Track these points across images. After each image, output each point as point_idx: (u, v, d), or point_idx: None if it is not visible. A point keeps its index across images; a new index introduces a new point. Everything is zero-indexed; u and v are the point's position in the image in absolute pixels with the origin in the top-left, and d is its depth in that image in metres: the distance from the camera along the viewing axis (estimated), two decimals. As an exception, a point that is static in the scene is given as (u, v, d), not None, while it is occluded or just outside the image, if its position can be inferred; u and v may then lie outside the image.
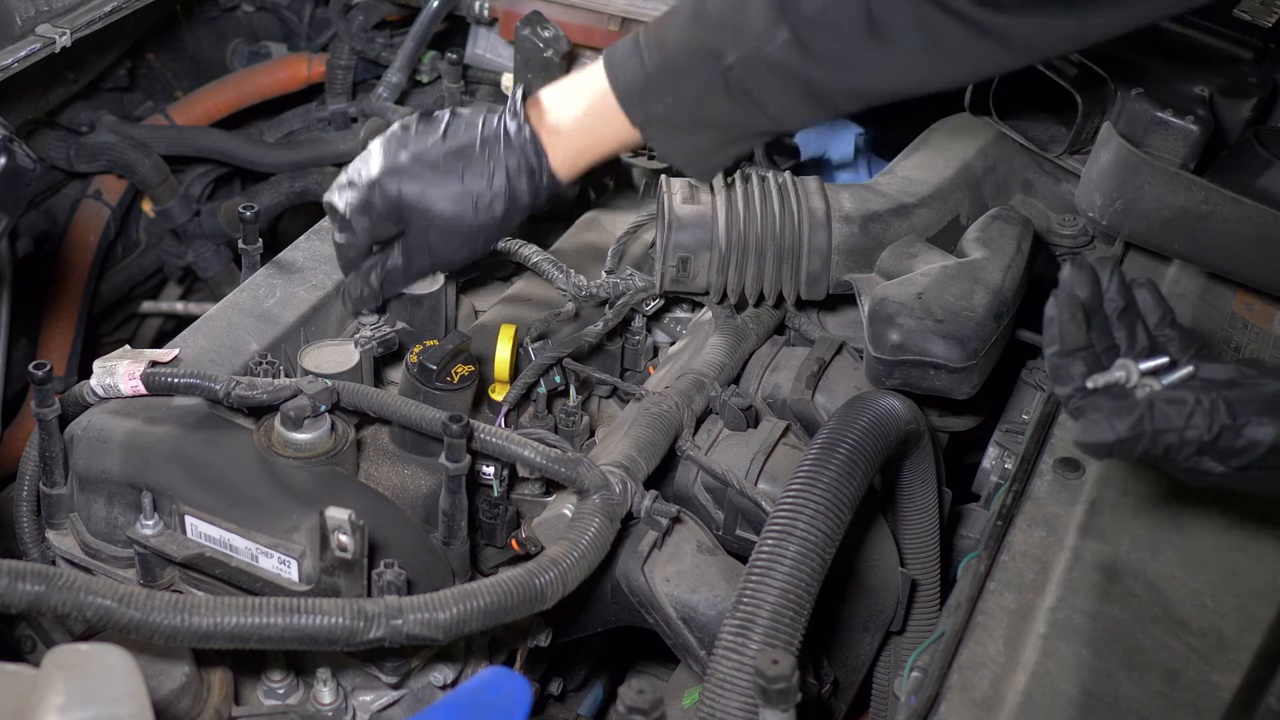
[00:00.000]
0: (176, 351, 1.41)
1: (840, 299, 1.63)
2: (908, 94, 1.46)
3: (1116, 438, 1.02)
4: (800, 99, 1.40)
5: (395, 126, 1.48)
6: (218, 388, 1.31)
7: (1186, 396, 1.03)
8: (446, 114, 1.47)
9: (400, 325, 1.50)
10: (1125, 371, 1.08)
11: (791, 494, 1.26)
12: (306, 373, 1.40)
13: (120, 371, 1.34)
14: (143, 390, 1.34)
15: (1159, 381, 1.07)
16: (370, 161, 1.46)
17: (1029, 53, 1.39)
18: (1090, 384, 1.07)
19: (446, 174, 1.43)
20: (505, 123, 1.44)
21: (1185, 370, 1.07)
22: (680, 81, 1.40)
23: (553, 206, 1.55)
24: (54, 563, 1.39)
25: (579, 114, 1.45)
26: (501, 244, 1.62)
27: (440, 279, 1.53)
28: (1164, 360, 1.09)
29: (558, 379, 1.50)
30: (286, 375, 1.39)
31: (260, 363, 1.38)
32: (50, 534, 1.38)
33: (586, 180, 1.86)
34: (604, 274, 1.63)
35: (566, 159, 1.46)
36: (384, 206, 1.44)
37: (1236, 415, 1.02)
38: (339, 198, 1.47)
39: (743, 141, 1.47)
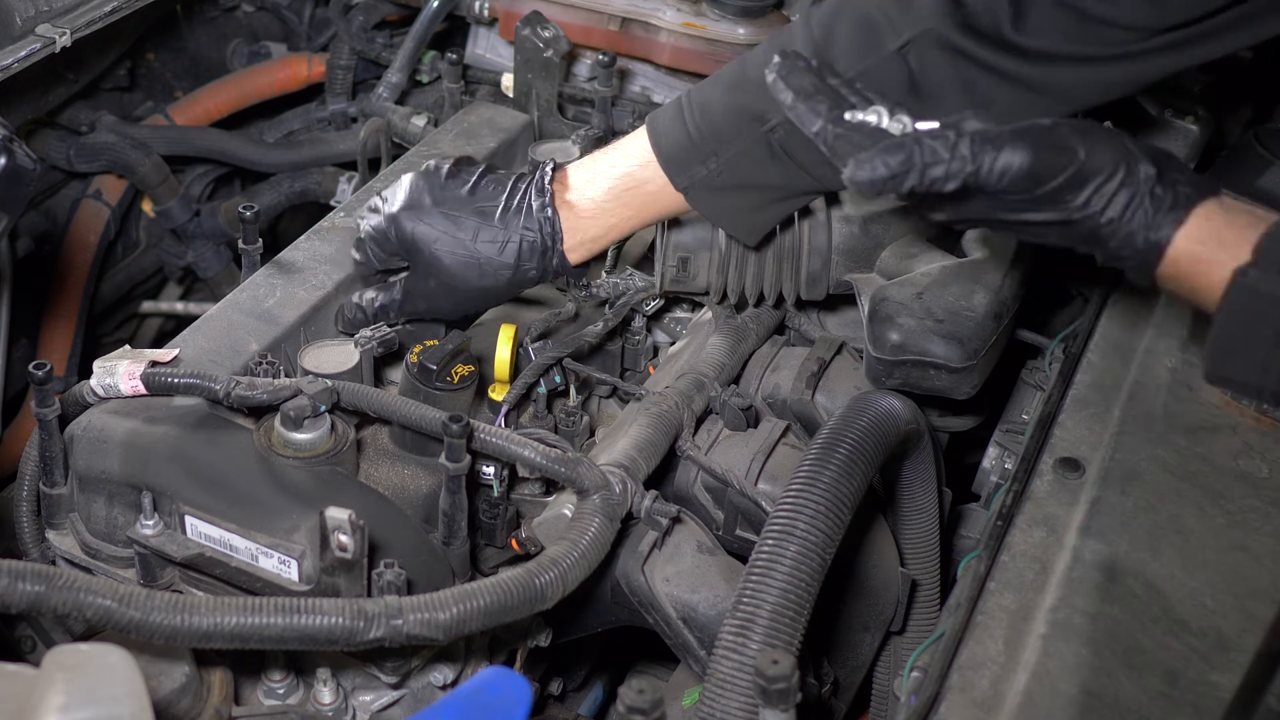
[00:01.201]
0: (176, 351, 1.41)
1: (840, 299, 1.63)
2: None
3: (889, 172, 1.08)
4: None
5: (430, 164, 1.50)
6: (217, 388, 1.32)
7: (948, 134, 1.10)
8: (479, 169, 1.49)
9: (400, 325, 1.50)
10: (877, 114, 1.15)
11: (791, 494, 1.26)
12: (307, 373, 1.40)
13: (120, 371, 1.34)
14: (142, 390, 1.34)
15: (910, 120, 1.15)
16: (397, 193, 1.48)
17: (1073, 104, 1.37)
18: (849, 116, 1.15)
19: (461, 230, 1.45)
20: (530, 196, 1.45)
21: (933, 122, 1.15)
22: (723, 145, 1.41)
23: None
24: (54, 563, 1.39)
25: (602, 198, 1.46)
26: None
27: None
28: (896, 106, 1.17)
29: (558, 379, 1.50)
30: (286, 375, 1.39)
31: (260, 363, 1.38)
32: (50, 534, 1.38)
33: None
34: (604, 274, 1.63)
35: (582, 243, 1.47)
36: (397, 241, 1.47)
37: (993, 144, 1.10)
38: (363, 220, 1.52)
39: (788, 200, 1.46)
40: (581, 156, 1.80)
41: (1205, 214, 1.13)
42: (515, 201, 1.46)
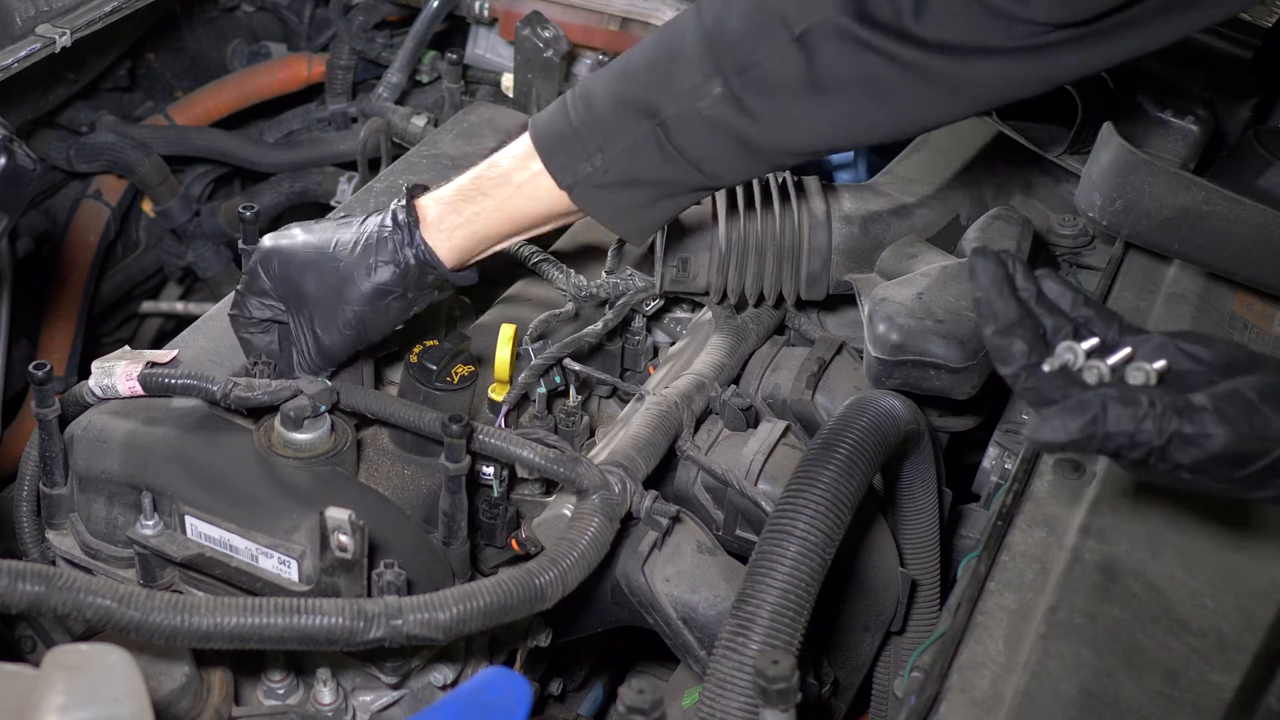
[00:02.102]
0: (175, 352, 1.41)
1: (840, 299, 1.63)
2: (850, 146, 1.41)
3: (1069, 438, 1.02)
4: (737, 155, 1.32)
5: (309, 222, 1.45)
6: (214, 389, 1.31)
7: (1140, 398, 1.02)
8: (351, 213, 1.46)
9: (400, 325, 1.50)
10: (1072, 354, 1.07)
11: (791, 494, 1.26)
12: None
13: (118, 372, 1.34)
14: (140, 391, 1.34)
15: (1104, 364, 1.07)
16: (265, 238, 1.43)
17: (977, 100, 1.32)
18: (1046, 367, 1.07)
19: (320, 251, 1.37)
20: (392, 210, 1.38)
21: (1124, 351, 1.08)
22: (609, 140, 1.32)
23: (457, 289, 1.47)
24: (54, 563, 1.39)
25: (464, 186, 1.39)
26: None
27: None
28: (1097, 341, 1.09)
29: (558, 379, 1.50)
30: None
31: (256, 363, 1.38)
32: (50, 534, 1.38)
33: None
34: (604, 274, 1.63)
35: (442, 230, 1.37)
36: (265, 278, 1.39)
37: (1186, 421, 1.01)
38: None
39: (676, 198, 1.38)
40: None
41: None
42: (374, 217, 1.40)
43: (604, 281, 1.61)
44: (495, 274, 1.71)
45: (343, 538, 1.16)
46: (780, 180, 1.58)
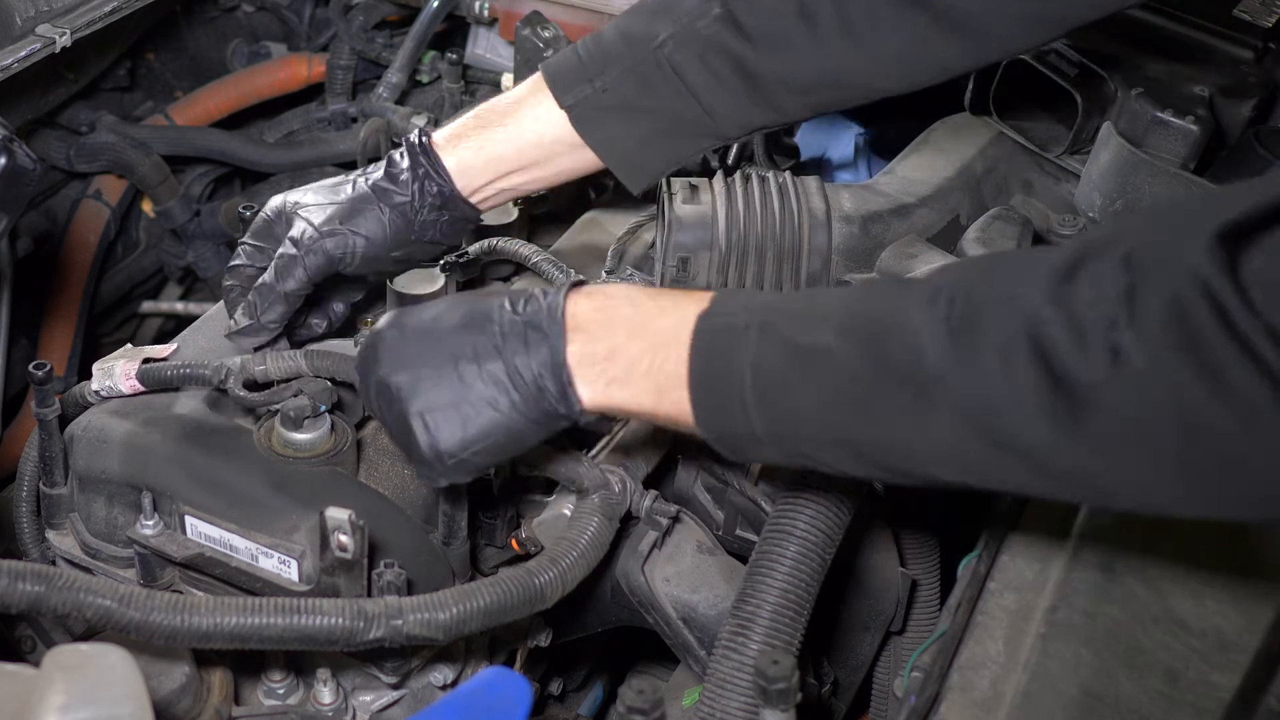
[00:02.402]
0: (174, 347, 1.42)
1: (840, 299, 1.63)
2: (853, 93, 1.38)
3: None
4: (735, 85, 1.33)
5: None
6: (209, 373, 1.31)
7: None
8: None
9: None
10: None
11: (791, 494, 1.26)
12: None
13: (117, 372, 1.34)
14: (140, 387, 1.34)
15: None
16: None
17: (986, 42, 1.30)
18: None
19: (326, 191, 1.41)
20: (405, 142, 1.40)
21: None
22: (610, 63, 1.35)
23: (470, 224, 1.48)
24: (54, 563, 1.39)
25: (475, 117, 1.42)
26: (502, 244, 1.62)
27: (440, 279, 1.53)
28: None
29: (558, 379, 1.50)
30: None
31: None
32: (50, 534, 1.38)
33: (586, 180, 1.86)
34: (604, 274, 1.63)
35: (455, 153, 1.40)
36: (262, 220, 1.42)
37: None
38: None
39: (676, 139, 1.38)
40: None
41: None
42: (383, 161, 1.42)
43: (604, 281, 1.61)
44: (495, 274, 1.71)
45: (343, 538, 1.16)
46: (780, 180, 1.58)
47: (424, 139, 1.39)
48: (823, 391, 1.01)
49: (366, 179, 1.39)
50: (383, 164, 1.40)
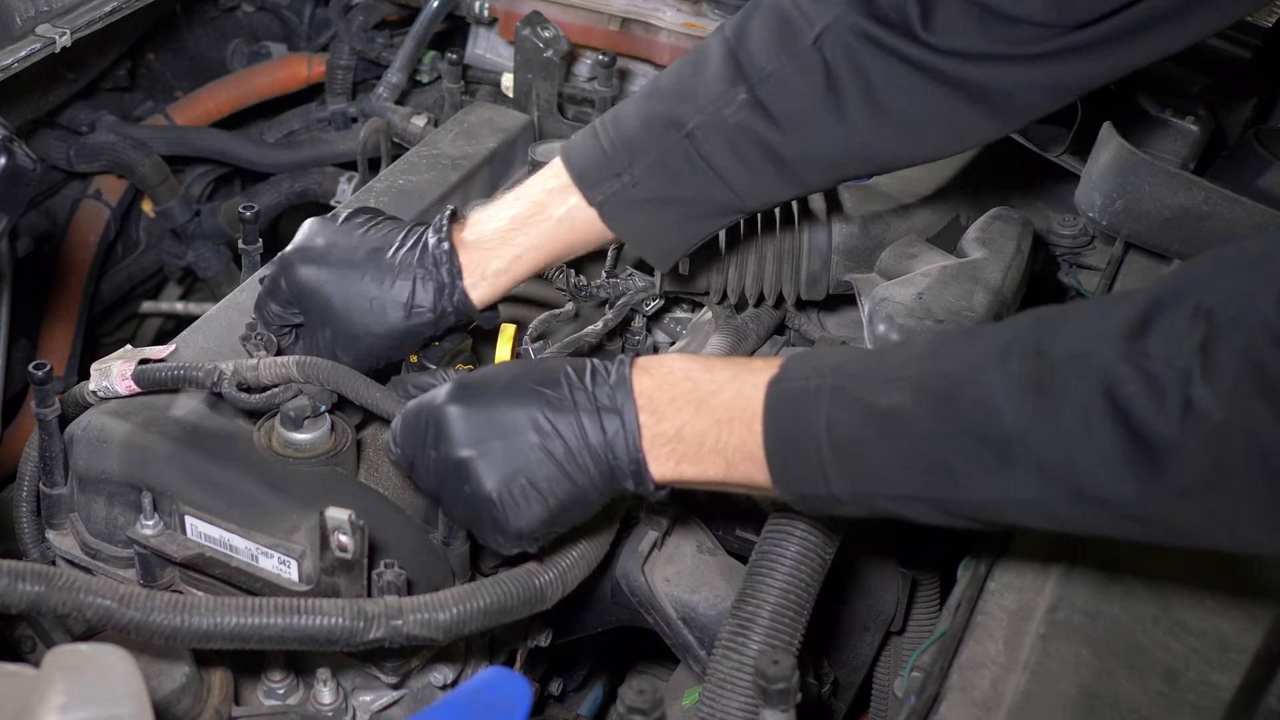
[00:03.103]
0: (173, 348, 1.42)
1: (840, 299, 1.63)
2: (880, 165, 1.39)
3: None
4: (763, 167, 1.33)
5: (326, 216, 1.42)
6: (201, 375, 1.31)
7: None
8: (378, 218, 1.41)
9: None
10: None
11: (792, 494, 1.26)
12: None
13: (114, 373, 1.34)
14: (136, 388, 1.34)
15: None
16: (295, 239, 1.40)
17: (994, 111, 1.31)
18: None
19: (352, 270, 1.34)
20: (426, 236, 1.36)
21: None
22: (637, 155, 1.33)
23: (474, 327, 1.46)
24: (54, 563, 1.39)
25: (503, 227, 1.36)
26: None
27: None
28: None
29: (558, 379, 1.50)
30: (280, 352, 1.39)
31: (250, 337, 1.38)
32: (50, 534, 1.38)
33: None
34: (604, 274, 1.63)
35: (484, 278, 1.36)
36: (288, 289, 1.37)
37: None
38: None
39: (703, 220, 1.38)
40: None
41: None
42: (411, 241, 1.36)
43: (604, 281, 1.61)
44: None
45: (343, 538, 1.16)
46: (780, 180, 1.58)
47: (455, 270, 1.35)
48: (901, 453, 1.03)
49: (405, 320, 1.35)
50: (410, 279, 1.34)
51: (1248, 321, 0.89)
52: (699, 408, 1.11)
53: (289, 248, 1.39)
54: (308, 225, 1.40)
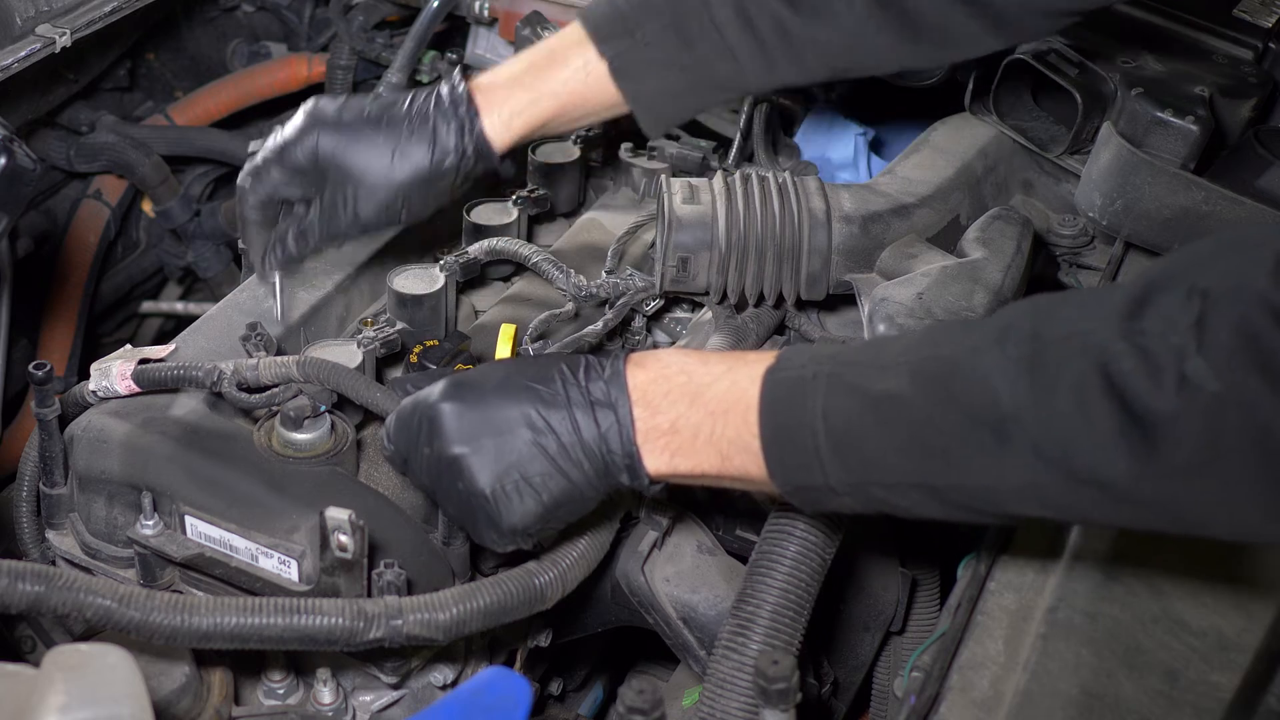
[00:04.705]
0: (173, 347, 1.42)
1: (840, 299, 1.63)
2: (881, 64, 1.46)
3: None
4: (772, 44, 1.38)
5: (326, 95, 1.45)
6: (201, 375, 1.31)
7: None
8: (381, 89, 1.46)
9: (401, 326, 1.50)
10: None
11: (791, 494, 1.26)
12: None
13: (114, 373, 1.34)
14: (136, 388, 1.34)
15: None
16: (295, 118, 1.40)
17: (1007, 27, 1.40)
18: None
19: (366, 125, 1.37)
20: (439, 86, 1.40)
21: None
22: (653, 16, 1.39)
23: (492, 179, 1.49)
24: (54, 563, 1.39)
25: (518, 71, 1.42)
26: (501, 244, 1.62)
27: (440, 279, 1.53)
28: None
29: (558, 379, 1.50)
30: (280, 352, 1.39)
31: (250, 337, 1.38)
32: (50, 534, 1.38)
33: (586, 181, 1.86)
34: (604, 274, 1.63)
35: (501, 120, 1.40)
36: (302, 157, 1.37)
37: None
38: (250, 163, 1.42)
39: (704, 92, 1.45)
40: (582, 156, 1.81)
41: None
42: (424, 94, 1.40)
43: (604, 281, 1.61)
44: (495, 274, 1.71)
45: (343, 538, 1.16)
46: (780, 180, 1.58)
47: (472, 112, 1.39)
48: (897, 437, 1.02)
49: (428, 161, 1.38)
50: (428, 122, 1.38)
51: (1243, 296, 0.89)
52: (694, 400, 1.10)
53: (293, 122, 1.39)
54: (309, 102, 1.41)
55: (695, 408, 1.10)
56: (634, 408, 1.11)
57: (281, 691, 1.30)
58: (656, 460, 1.12)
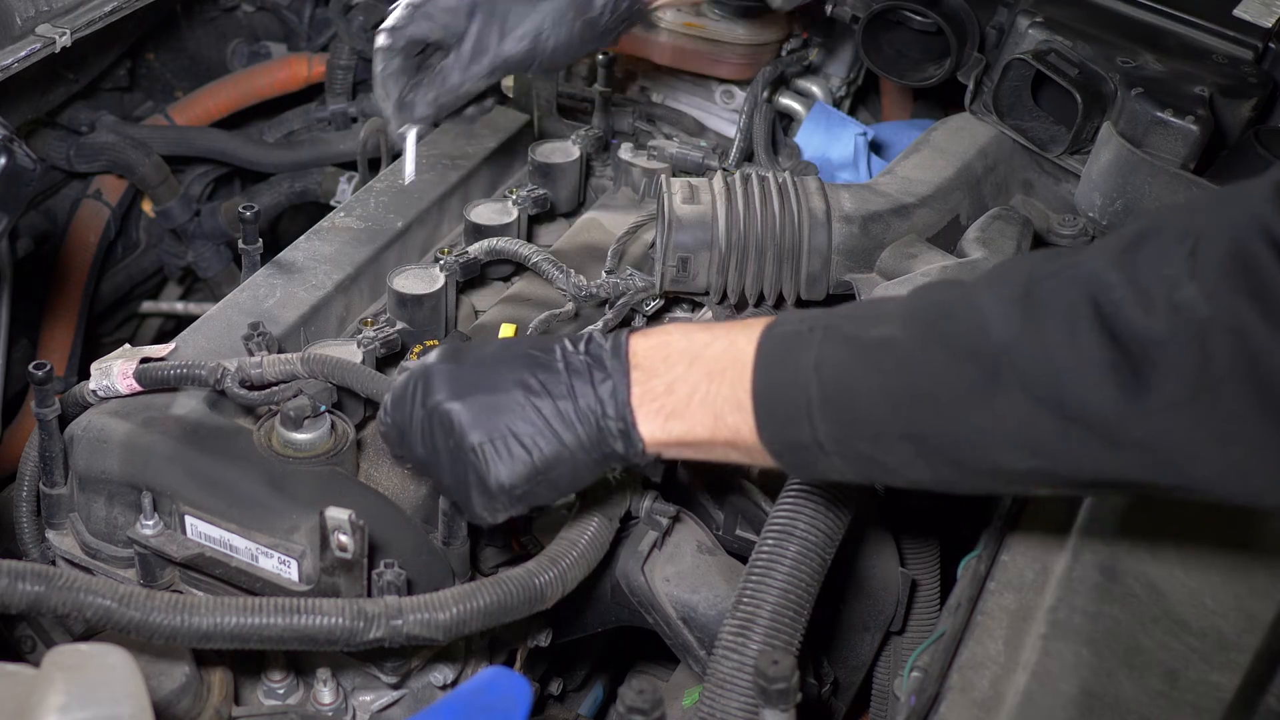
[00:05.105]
0: (173, 346, 1.42)
1: (840, 299, 1.63)
2: None
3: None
4: None
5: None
6: (204, 374, 1.31)
7: None
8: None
9: (401, 325, 1.51)
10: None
11: (791, 494, 1.26)
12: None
13: (115, 372, 1.34)
14: (137, 387, 1.34)
15: None
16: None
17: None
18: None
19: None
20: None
21: None
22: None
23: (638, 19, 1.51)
24: (54, 563, 1.39)
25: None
26: (502, 244, 1.62)
27: (440, 279, 1.53)
28: None
29: (558, 379, 1.50)
30: (281, 350, 1.39)
31: (252, 336, 1.38)
32: (50, 534, 1.38)
33: (585, 179, 1.86)
34: (604, 274, 1.63)
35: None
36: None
37: None
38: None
39: None
40: (581, 156, 1.81)
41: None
42: None
43: (604, 281, 1.61)
44: (495, 274, 1.71)
45: (343, 538, 1.16)
46: (780, 180, 1.58)
47: None
48: (888, 380, 1.00)
49: None
50: None
51: (1238, 221, 0.87)
52: (692, 362, 1.09)
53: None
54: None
55: (694, 369, 1.09)
56: (632, 371, 1.10)
57: (281, 691, 1.30)
58: (651, 424, 1.09)
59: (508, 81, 2.13)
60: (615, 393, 1.09)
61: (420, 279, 1.52)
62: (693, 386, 1.08)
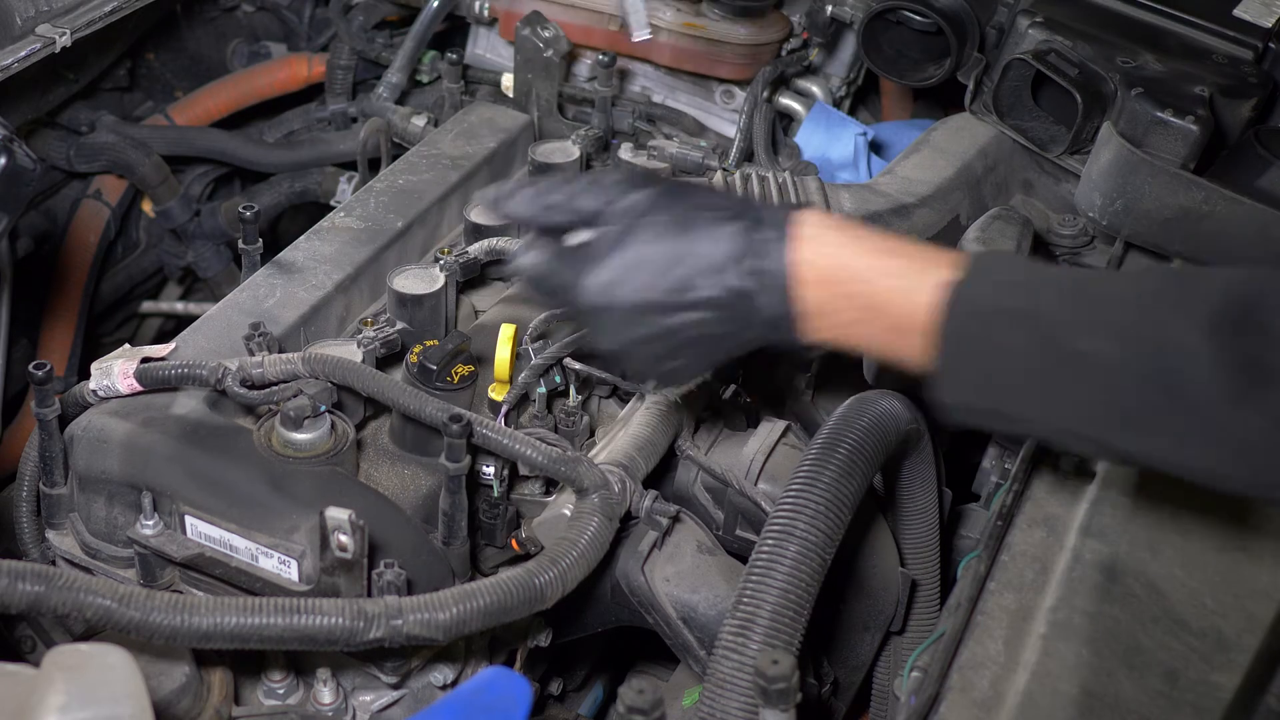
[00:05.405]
0: (173, 346, 1.42)
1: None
2: None
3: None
4: None
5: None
6: (205, 374, 1.31)
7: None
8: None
9: (401, 325, 1.51)
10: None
11: (791, 494, 1.26)
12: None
13: (115, 371, 1.34)
14: (138, 387, 1.34)
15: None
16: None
17: None
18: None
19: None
20: None
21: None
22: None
23: None
24: (54, 563, 1.39)
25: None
26: (502, 244, 1.62)
27: (440, 279, 1.53)
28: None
29: (557, 379, 1.50)
30: (281, 350, 1.39)
31: (253, 336, 1.38)
32: (50, 534, 1.38)
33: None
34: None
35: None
36: None
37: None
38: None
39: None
40: (581, 156, 1.81)
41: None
42: None
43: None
44: (495, 274, 1.71)
45: (343, 538, 1.16)
46: (780, 180, 1.58)
47: None
48: (1089, 395, 0.99)
49: None
50: None
51: None
52: (866, 310, 1.07)
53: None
54: None
55: (867, 321, 1.07)
56: (793, 304, 1.08)
57: (281, 691, 1.30)
58: (815, 338, 1.10)
59: (507, 81, 2.14)
60: (781, 292, 1.08)
61: (420, 279, 1.52)
62: (868, 338, 1.09)
